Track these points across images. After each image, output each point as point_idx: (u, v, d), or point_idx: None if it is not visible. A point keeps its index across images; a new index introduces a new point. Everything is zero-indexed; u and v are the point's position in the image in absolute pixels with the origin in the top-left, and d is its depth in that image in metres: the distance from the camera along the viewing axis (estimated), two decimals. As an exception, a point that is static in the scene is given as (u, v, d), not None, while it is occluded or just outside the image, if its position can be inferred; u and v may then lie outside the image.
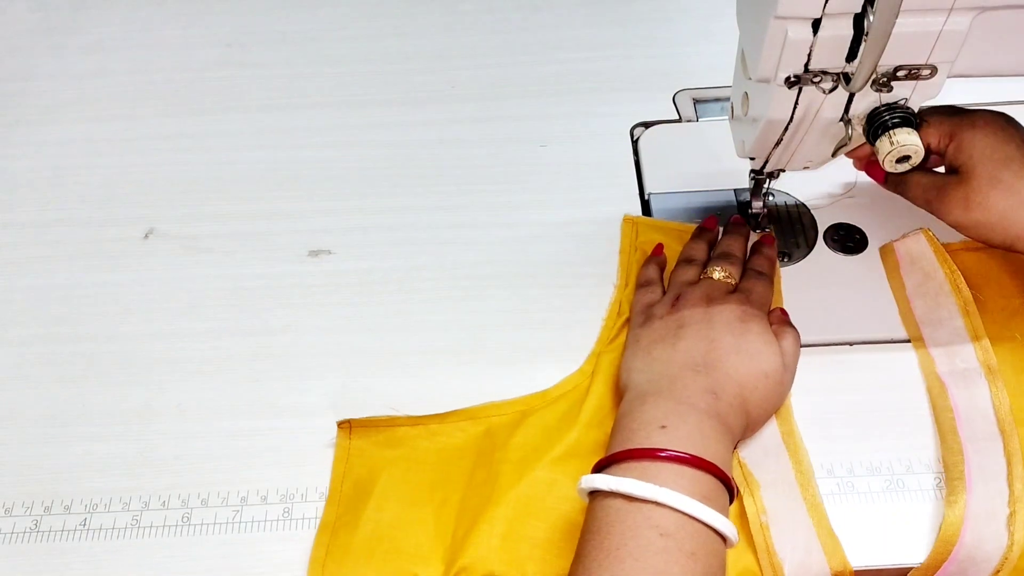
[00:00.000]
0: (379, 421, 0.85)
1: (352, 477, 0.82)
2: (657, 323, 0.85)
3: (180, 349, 0.92)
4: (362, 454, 0.83)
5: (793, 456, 0.83)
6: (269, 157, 1.09)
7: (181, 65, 1.20)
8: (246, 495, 0.82)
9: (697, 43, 1.21)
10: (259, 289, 0.96)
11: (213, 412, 0.87)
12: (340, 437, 0.84)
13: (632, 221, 1.00)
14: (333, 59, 1.20)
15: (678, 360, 0.80)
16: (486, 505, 0.80)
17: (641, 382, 0.80)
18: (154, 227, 1.02)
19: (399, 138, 1.10)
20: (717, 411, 0.76)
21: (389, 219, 1.02)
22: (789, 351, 0.82)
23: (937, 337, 0.88)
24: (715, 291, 0.85)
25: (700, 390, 0.77)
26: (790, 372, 0.82)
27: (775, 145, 0.83)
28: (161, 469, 0.84)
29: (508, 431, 0.85)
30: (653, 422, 0.74)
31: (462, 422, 0.85)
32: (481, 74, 1.18)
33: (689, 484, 0.69)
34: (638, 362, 0.82)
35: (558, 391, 0.87)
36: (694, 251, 0.93)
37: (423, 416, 0.85)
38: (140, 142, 1.11)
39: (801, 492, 0.81)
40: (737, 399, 0.77)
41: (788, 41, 0.70)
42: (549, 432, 0.84)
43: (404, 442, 0.84)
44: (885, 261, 0.95)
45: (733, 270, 0.89)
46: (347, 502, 0.81)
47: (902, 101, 0.76)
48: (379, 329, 0.93)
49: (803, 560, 0.77)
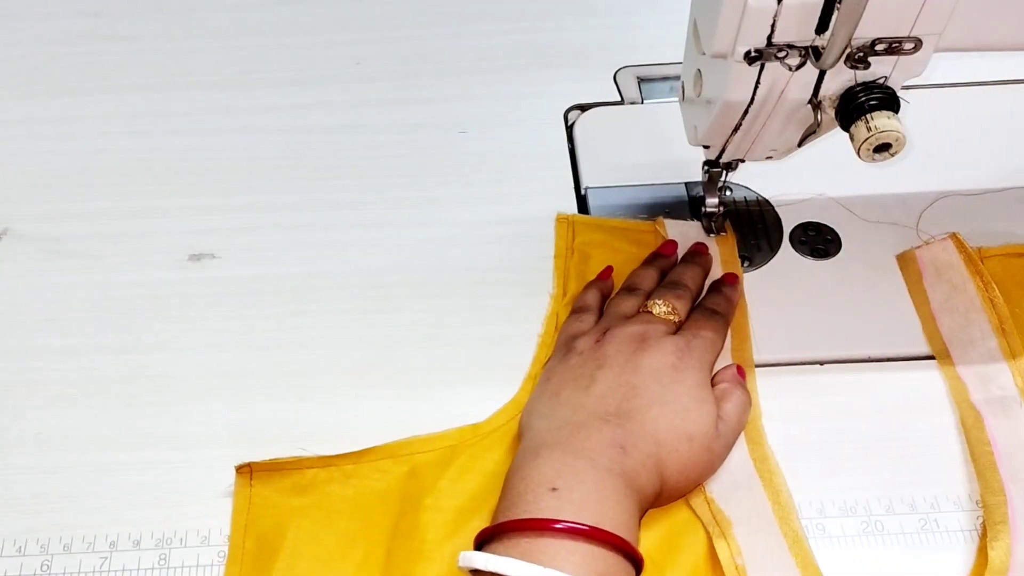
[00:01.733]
0: (284, 464, 0.83)
1: (255, 531, 0.81)
2: (575, 359, 0.84)
3: (38, 369, 0.92)
4: (265, 503, 0.82)
5: (768, 486, 0.82)
6: (143, 145, 1.09)
7: (40, 37, 1.20)
8: (115, 539, 0.81)
9: (642, 12, 1.22)
10: (131, 299, 0.96)
11: (77, 443, 0.87)
12: (239, 484, 0.83)
13: (567, 220, 1.00)
14: (217, 31, 1.21)
15: (588, 406, 0.78)
16: (416, 560, 0.79)
17: (540, 429, 0.79)
18: (8, 227, 1.02)
19: (294, 123, 1.11)
20: (623, 469, 0.74)
21: (282, 218, 1.02)
22: (730, 417, 0.82)
23: (969, 359, 0.88)
24: (651, 330, 0.84)
25: (605, 442, 0.75)
26: (724, 441, 0.81)
27: (733, 131, 0.83)
28: (17, 509, 0.83)
29: (437, 471, 0.84)
30: (543, 483, 0.72)
31: (381, 461, 0.84)
32: (390, 48, 1.18)
33: (581, 561, 0.68)
34: (542, 405, 0.82)
35: (491, 425, 0.86)
36: (640, 279, 0.92)
37: (335, 456, 0.84)
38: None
39: (780, 527, 0.80)
40: (651, 458, 0.76)
41: (748, 9, 0.69)
42: (484, 476, 0.83)
43: (314, 488, 0.83)
44: (905, 271, 0.95)
45: (679, 305, 0.87)
46: (251, 561, 0.79)
47: (881, 80, 0.75)
48: (272, 346, 0.93)
49: None
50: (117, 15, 1.23)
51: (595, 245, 0.98)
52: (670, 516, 0.81)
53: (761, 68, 0.74)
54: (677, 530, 0.81)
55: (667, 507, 0.81)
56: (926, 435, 0.86)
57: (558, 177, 1.05)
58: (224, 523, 0.82)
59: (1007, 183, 1.01)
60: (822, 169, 1.00)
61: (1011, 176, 1.01)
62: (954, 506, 0.82)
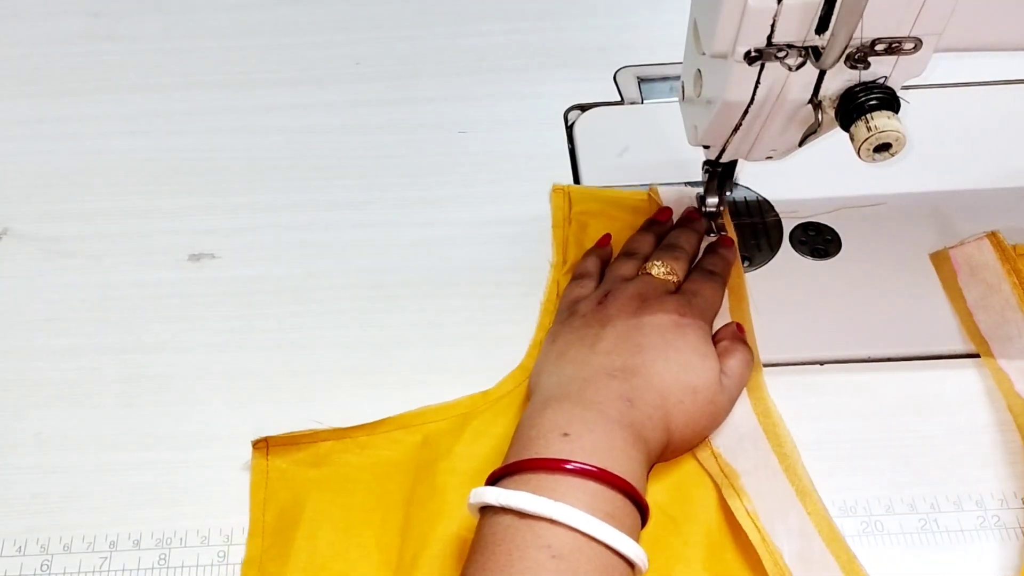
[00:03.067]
0: (300, 437, 0.85)
1: (275, 504, 0.82)
2: (578, 321, 0.85)
3: (38, 369, 0.92)
4: (283, 476, 0.84)
5: (773, 439, 0.84)
6: (143, 145, 1.09)
7: (40, 38, 1.21)
8: (116, 539, 0.81)
9: (642, 13, 1.22)
10: (131, 299, 0.96)
11: (77, 443, 0.87)
12: (256, 459, 0.84)
13: (563, 191, 1.02)
14: (217, 31, 1.21)
15: (594, 363, 0.80)
16: (434, 523, 0.81)
17: (549, 385, 0.81)
18: (8, 227, 1.02)
19: (294, 124, 1.11)
20: (631, 420, 0.76)
21: (282, 218, 1.02)
22: (733, 371, 0.83)
23: (1009, 353, 0.89)
24: (651, 290, 0.86)
25: (613, 396, 0.77)
26: (728, 395, 0.83)
27: (733, 131, 0.82)
28: (17, 509, 0.83)
29: (450, 438, 0.86)
30: (554, 429, 0.74)
31: (395, 431, 0.86)
32: (390, 48, 1.19)
33: (591, 500, 0.69)
34: (549, 364, 0.84)
35: (500, 391, 0.88)
36: (639, 244, 0.94)
37: (350, 428, 0.86)
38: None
39: (788, 477, 0.82)
40: (657, 411, 0.78)
41: (748, 9, 0.69)
42: (497, 439, 0.85)
43: (330, 459, 0.85)
44: (939, 269, 0.95)
45: (677, 266, 0.89)
46: (273, 533, 0.81)
47: (881, 80, 0.74)
48: (272, 346, 0.93)
49: (801, 549, 0.78)
50: (117, 15, 1.23)
51: (592, 214, 1.00)
52: (680, 470, 0.83)
53: (761, 68, 0.74)
54: (688, 484, 0.83)
55: (676, 462, 0.83)
56: (926, 435, 0.86)
57: (558, 177, 1.05)
58: (224, 523, 0.82)
59: (1007, 183, 1.01)
60: (822, 169, 1.00)
61: (1011, 176, 1.01)
62: (954, 506, 0.82)
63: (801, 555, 0.78)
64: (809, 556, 0.78)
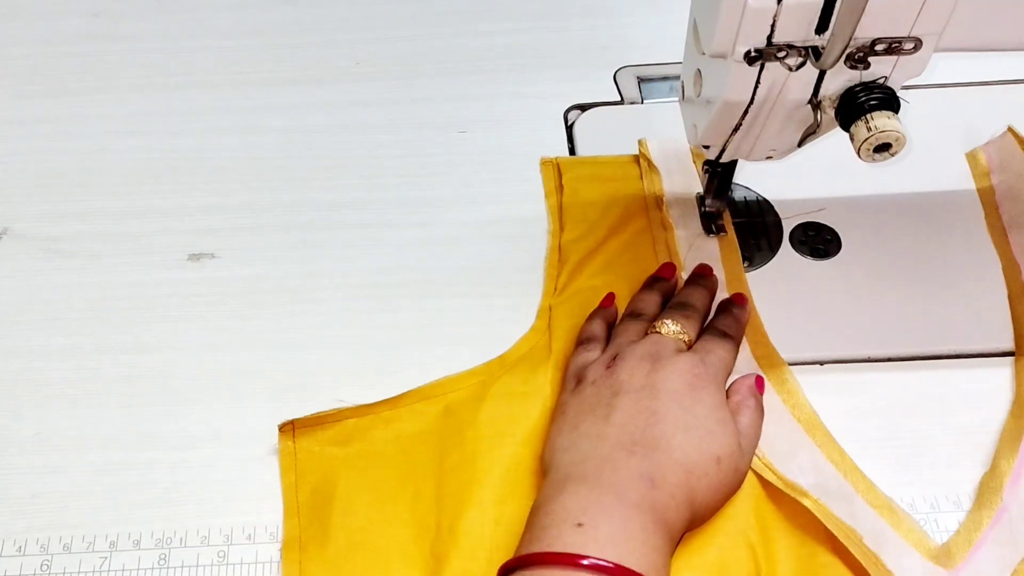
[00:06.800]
0: (325, 417, 0.86)
1: (307, 484, 0.84)
2: (589, 389, 0.81)
3: (38, 369, 0.92)
4: (312, 456, 0.85)
5: (774, 376, 0.86)
6: (143, 145, 1.09)
7: (40, 38, 1.21)
8: (115, 539, 0.82)
9: (642, 12, 1.22)
10: (131, 299, 0.96)
11: (77, 443, 0.87)
12: (283, 441, 0.85)
13: (552, 163, 1.04)
14: (217, 31, 1.21)
15: (610, 437, 0.76)
16: (468, 491, 0.82)
17: (564, 464, 0.77)
18: (8, 226, 1.02)
19: (294, 123, 1.11)
20: (652, 504, 0.72)
21: (282, 218, 1.02)
22: (747, 431, 0.81)
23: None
24: (662, 349, 0.82)
25: (633, 476, 0.73)
26: (747, 458, 0.80)
27: (733, 131, 0.82)
28: (16, 509, 0.83)
29: (473, 406, 0.87)
30: (568, 518, 0.71)
31: (416, 404, 0.87)
32: (390, 48, 1.19)
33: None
34: (562, 439, 0.79)
35: (516, 354, 0.90)
36: (643, 304, 0.90)
37: (372, 404, 0.87)
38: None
39: (792, 413, 0.84)
40: (681, 489, 0.74)
41: (748, 9, 0.69)
42: (520, 400, 0.87)
43: (356, 436, 0.86)
44: (974, 168, 1.01)
45: (688, 325, 0.86)
46: (308, 512, 0.82)
47: (881, 80, 0.74)
48: (271, 346, 0.93)
49: (818, 482, 0.80)
50: (117, 15, 1.23)
51: (582, 180, 1.02)
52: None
53: (761, 68, 0.74)
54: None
55: None
56: (926, 435, 0.86)
57: (558, 177, 1.04)
58: (224, 523, 0.82)
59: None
60: (822, 169, 1.00)
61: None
62: (954, 506, 0.82)
63: (819, 487, 0.79)
64: (826, 487, 0.80)
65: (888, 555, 0.77)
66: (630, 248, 0.97)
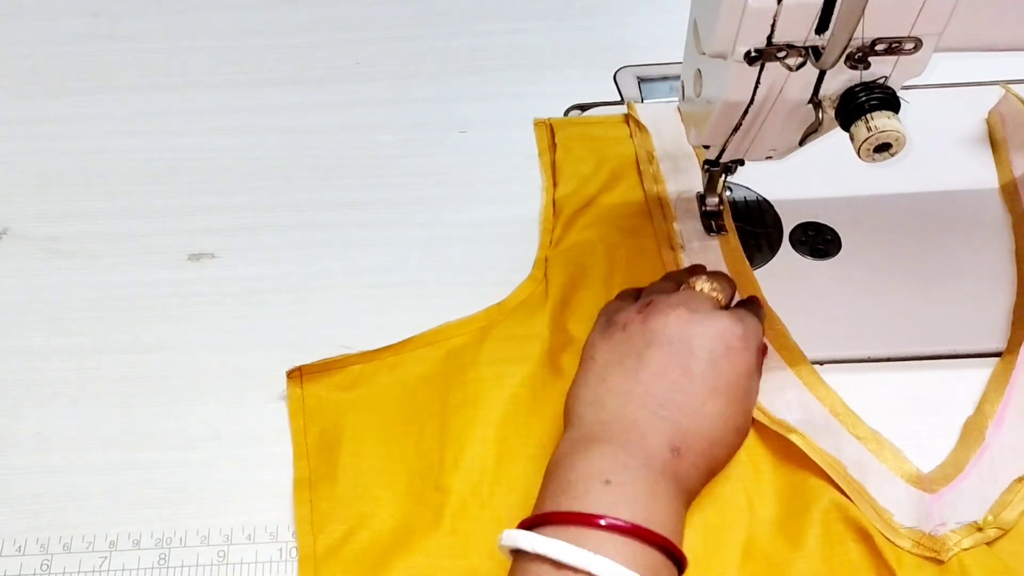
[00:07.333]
0: (331, 363, 0.89)
1: (315, 427, 0.86)
2: (619, 335, 0.79)
3: (38, 369, 0.92)
4: (319, 401, 0.87)
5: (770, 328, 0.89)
6: (143, 145, 1.09)
7: (40, 38, 1.21)
8: (115, 539, 0.82)
9: (642, 12, 1.22)
10: (131, 299, 0.96)
11: (77, 443, 0.87)
12: (291, 387, 0.87)
13: (544, 123, 1.08)
14: (217, 31, 1.21)
15: (638, 395, 0.75)
16: (471, 427, 0.85)
17: (590, 420, 0.76)
18: (8, 226, 1.02)
19: (294, 123, 1.11)
20: (676, 472, 0.72)
21: (282, 218, 1.02)
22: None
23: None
24: (699, 303, 0.79)
25: (660, 444, 0.72)
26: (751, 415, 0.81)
27: (733, 131, 0.82)
28: (16, 509, 0.83)
29: (474, 349, 0.90)
30: (596, 475, 0.70)
31: (420, 349, 0.90)
32: (390, 48, 1.19)
33: (630, 556, 0.65)
34: (588, 391, 0.78)
35: (514, 300, 0.94)
36: (674, 274, 0.90)
37: (376, 350, 0.90)
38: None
39: (780, 354, 0.87)
40: (703, 458, 0.74)
41: (748, 9, 0.68)
42: (519, 342, 0.90)
43: (362, 380, 0.89)
44: (992, 130, 1.04)
45: (721, 286, 0.84)
46: (317, 454, 0.85)
47: (881, 80, 0.74)
48: (271, 346, 0.93)
49: (804, 418, 0.82)
50: (117, 15, 1.23)
51: (574, 138, 1.05)
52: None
53: (761, 68, 0.74)
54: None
55: None
56: (926, 435, 0.85)
57: (558, 177, 1.04)
58: (224, 523, 0.82)
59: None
60: (822, 169, 1.00)
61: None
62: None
63: (806, 423, 0.82)
64: (813, 423, 0.82)
65: (871, 483, 0.80)
66: (623, 201, 1.00)
